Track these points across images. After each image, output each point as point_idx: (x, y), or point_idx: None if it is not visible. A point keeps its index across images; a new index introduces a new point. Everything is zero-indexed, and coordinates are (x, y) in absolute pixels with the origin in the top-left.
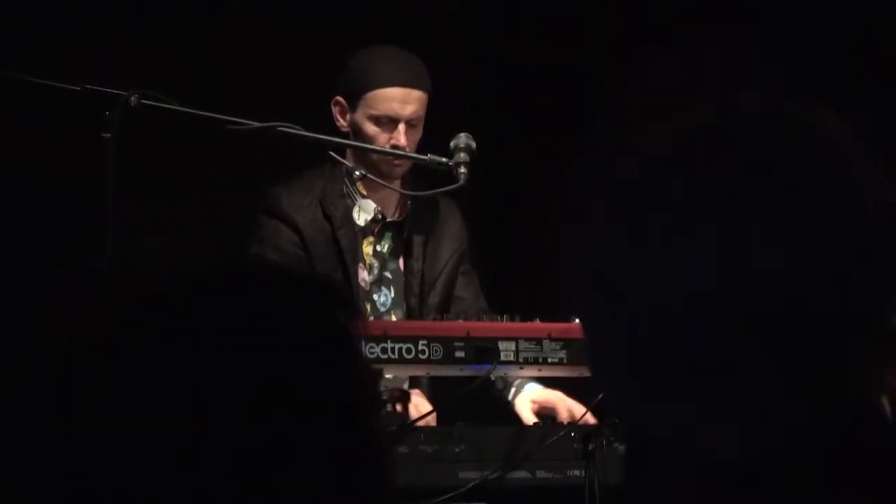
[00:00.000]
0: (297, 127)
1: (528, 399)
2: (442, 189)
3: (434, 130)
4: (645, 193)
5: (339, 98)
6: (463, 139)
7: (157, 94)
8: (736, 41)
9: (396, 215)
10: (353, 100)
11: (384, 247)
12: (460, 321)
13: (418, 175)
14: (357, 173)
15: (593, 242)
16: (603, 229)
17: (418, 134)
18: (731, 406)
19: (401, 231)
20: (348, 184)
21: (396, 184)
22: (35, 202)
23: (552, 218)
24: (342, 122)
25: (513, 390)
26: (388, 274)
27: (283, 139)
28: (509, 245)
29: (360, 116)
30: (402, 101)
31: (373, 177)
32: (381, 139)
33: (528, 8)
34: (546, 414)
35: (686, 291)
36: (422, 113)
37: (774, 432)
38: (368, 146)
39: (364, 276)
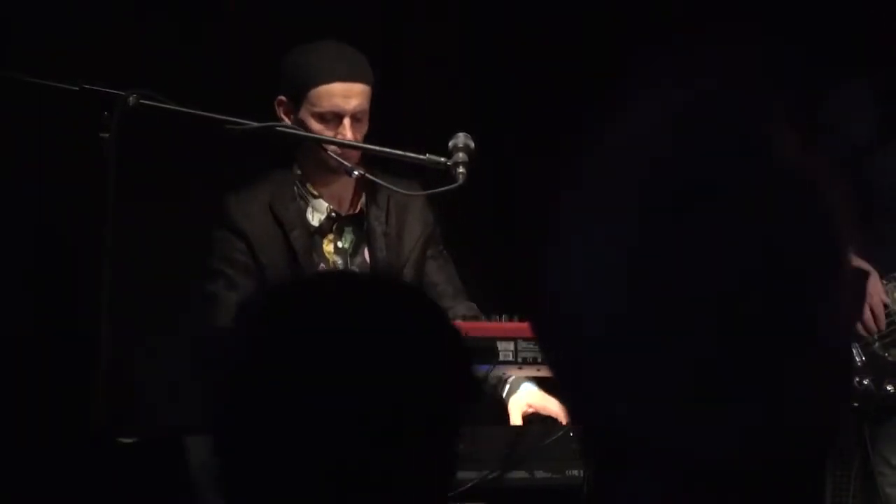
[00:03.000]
0: (295, 127)
1: (525, 402)
2: (440, 189)
3: (433, 130)
4: (601, 195)
5: (282, 98)
6: (461, 139)
7: (156, 95)
8: (727, 41)
9: (352, 209)
10: (296, 98)
11: (346, 242)
12: (458, 321)
13: (374, 164)
14: (356, 173)
15: (554, 246)
16: (563, 231)
17: (364, 127)
18: (710, 407)
19: (361, 224)
20: (299, 185)
21: (350, 182)
22: (34, 202)
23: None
24: (288, 122)
25: (507, 388)
26: (354, 269)
27: (280, 139)
28: (508, 245)
29: (304, 114)
30: (344, 95)
31: (371, 177)
32: (328, 135)
33: (527, 7)
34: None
35: (650, 292)
36: (366, 106)
37: (752, 436)
38: (361, 145)
39: None
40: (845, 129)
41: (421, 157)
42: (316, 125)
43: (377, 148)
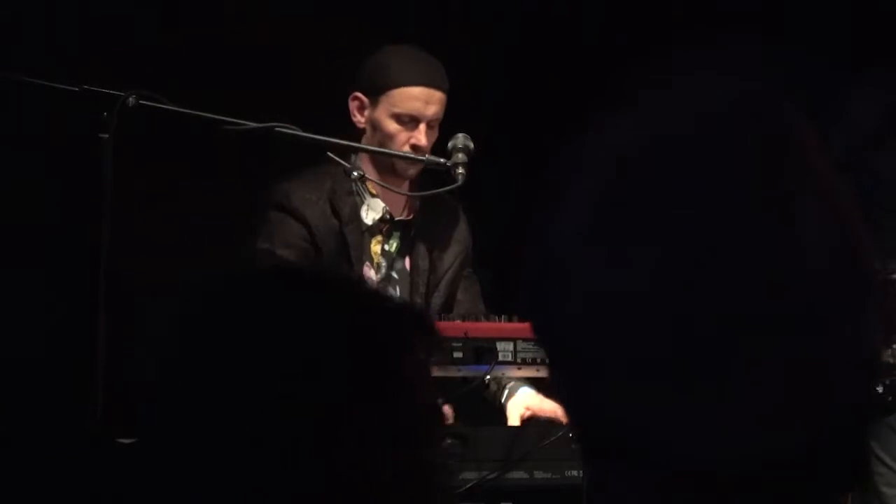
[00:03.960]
0: (294, 127)
1: (523, 405)
2: (440, 189)
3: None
4: (615, 190)
5: (359, 94)
6: (461, 140)
7: (155, 95)
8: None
9: (405, 214)
10: (375, 96)
11: (392, 246)
12: (458, 321)
13: (427, 176)
14: (355, 174)
15: (558, 239)
16: (571, 226)
17: (435, 135)
18: (704, 407)
19: (408, 230)
20: (357, 182)
21: (404, 186)
22: (33, 202)
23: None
24: (360, 118)
25: (506, 392)
26: (394, 273)
27: (281, 140)
28: (508, 245)
29: (380, 113)
30: (425, 100)
31: (373, 178)
32: (401, 137)
33: (527, 8)
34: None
35: (653, 292)
36: (441, 115)
37: (746, 436)
38: (373, 148)
39: (371, 274)
40: (851, 124)
41: (420, 157)
42: (392, 125)
43: (376, 148)
